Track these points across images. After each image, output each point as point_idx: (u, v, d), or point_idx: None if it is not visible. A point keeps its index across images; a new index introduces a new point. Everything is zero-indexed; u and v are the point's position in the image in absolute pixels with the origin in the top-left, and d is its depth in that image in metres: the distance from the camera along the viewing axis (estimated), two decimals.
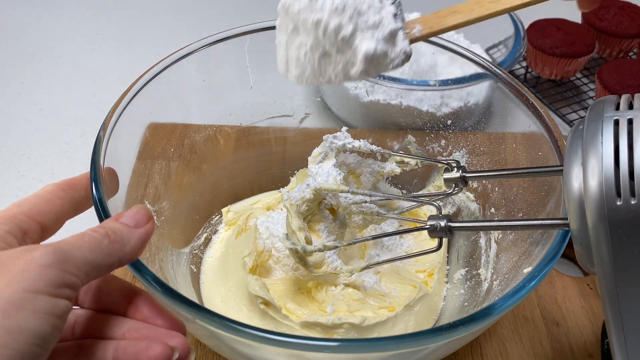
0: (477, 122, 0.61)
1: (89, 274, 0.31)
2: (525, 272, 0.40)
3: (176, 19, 1.08)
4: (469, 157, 0.61)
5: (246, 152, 0.66)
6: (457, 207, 0.62)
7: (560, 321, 0.58)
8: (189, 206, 0.60)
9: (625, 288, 0.35)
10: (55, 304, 0.29)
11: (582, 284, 0.61)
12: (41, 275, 0.28)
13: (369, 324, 0.48)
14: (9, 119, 0.83)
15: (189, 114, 0.61)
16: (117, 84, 0.60)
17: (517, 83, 0.54)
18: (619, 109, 0.35)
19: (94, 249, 0.32)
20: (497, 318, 0.38)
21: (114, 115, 0.47)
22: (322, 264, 0.50)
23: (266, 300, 0.49)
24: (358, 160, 0.57)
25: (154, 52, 0.62)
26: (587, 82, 0.92)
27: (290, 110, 0.67)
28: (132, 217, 0.36)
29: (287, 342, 0.34)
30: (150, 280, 0.37)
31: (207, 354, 0.54)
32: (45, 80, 0.91)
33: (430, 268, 0.58)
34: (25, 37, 1.00)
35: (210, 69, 0.59)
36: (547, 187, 0.49)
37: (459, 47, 0.59)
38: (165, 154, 0.57)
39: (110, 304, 0.37)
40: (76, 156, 0.78)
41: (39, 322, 0.28)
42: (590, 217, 0.34)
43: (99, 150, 0.43)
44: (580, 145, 0.35)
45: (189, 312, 0.36)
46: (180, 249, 0.57)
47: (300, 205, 0.50)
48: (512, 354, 0.55)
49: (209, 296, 0.55)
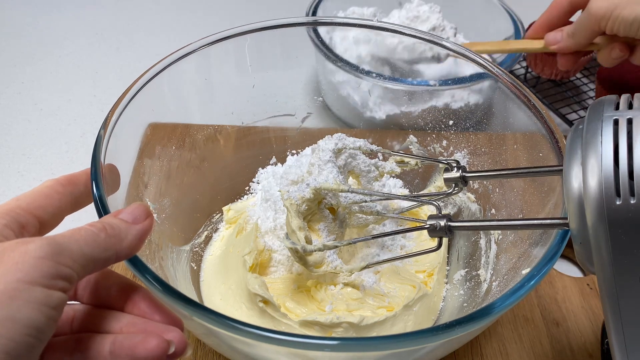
0: (478, 123, 0.61)
1: (85, 267, 0.31)
2: (524, 274, 0.40)
3: (176, 19, 1.08)
4: (471, 158, 0.61)
5: (247, 151, 0.66)
6: (458, 208, 0.62)
7: (560, 321, 0.58)
8: (190, 204, 0.60)
9: (625, 288, 0.35)
10: (49, 295, 0.29)
11: (582, 284, 0.61)
12: (36, 266, 0.29)
13: (368, 324, 0.48)
14: (9, 119, 0.83)
15: (189, 113, 0.61)
16: (117, 84, 0.61)
17: (518, 83, 0.54)
18: (619, 109, 0.35)
19: (90, 242, 0.32)
20: (496, 317, 0.38)
21: (114, 114, 0.47)
22: (322, 263, 0.50)
23: (265, 298, 0.49)
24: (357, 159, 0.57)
25: (154, 52, 0.62)
26: (587, 82, 0.92)
27: (293, 110, 0.67)
28: (131, 213, 0.36)
29: (285, 340, 0.34)
30: (148, 277, 0.37)
31: (208, 354, 0.54)
32: (45, 80, 0.91)
33: (430, 268, 0.58)
34: (25, 37, 1.00)
35: (211, 68, 0.59)
36: (547, 188, 0.49)
37: (460, 46, 0.59)
38: (166, 153, 0.57)
39: (109, 299, 0.37)
40: (76, 156, 0.78)
41: (32, 313, 0.28)
42: (590, 216, 0.34)
43: (100, 148, 0.43)
44: (580, 145, 0.35)
45: (186, 309, 0.36)
46: (180, 247, 0.57)
47: (300, 205, 0.50)
48: (512, 354, 0.55)
49: (209, 294, 0.55)
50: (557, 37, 0.70)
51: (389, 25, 0.62)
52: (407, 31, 0.62)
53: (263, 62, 0.63)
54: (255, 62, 0.62)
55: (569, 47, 0.69)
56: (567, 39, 0.69)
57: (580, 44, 0.68)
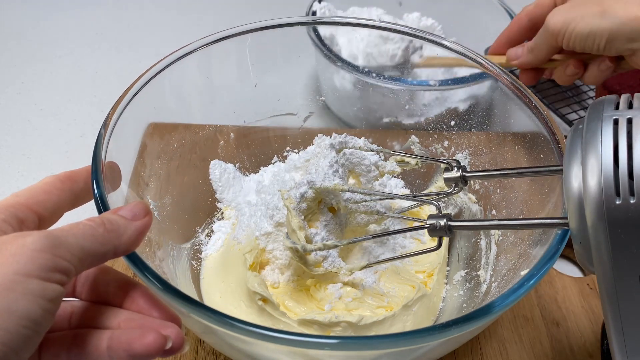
0: (479, 123, 0.61)
1: (83, 260, 0.31)
2: (522, 274, 0.40)
3: (176, 19, 1.08)
4: (472, 159, 0.61)
5: (247, 150, 0.66)
6: (459, 209, 0.62)
7: (560, 321, 0.58)
8: (190, 202, 0.60)
9: (625, 288, 0.35)
10: (46, 287, 0.29)
11: (582, 284, 0.61)
12: (33, 259, 0.29)
13: (366, 323, 0.48)
14: (9, 119, 0.83)
15: (190, 112, 0.61)
16: (117, 84, 0.60)
17: (518, 83, 0.54)
18: (619, 109, 0.35)
19: (88, 237, 0.32)
20: (495, 317, 0.38)
21: (115, 113, 0.47)
22: (321, 262, 0.50)
23: (264, 297, 0.49)
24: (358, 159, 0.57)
25: (154, 52, 0.62)
26: None
27: (295, 109, 0.67)
28: (130, 210, 0.36)
29: (286, 339, 0.34)
30: (147, 274, 0.37)
31: (207, 354, 0.54)
32: (45, 80, 0.91)
33: (430, 269, 0.58)
34: (25, 37, 1.00)
35: (212, 68, 0.59)
36: (547, 188, 0.49)
37: (460, 46, 0.59)
38: (167, 153, 0.57)
39: (107, 295, 0.37)
40: (76, 156, 0.78)
41: (29, 305, 0.28)
42: (590, 216, 0.34)
43: (100, 147, 0.43)
44: (580, 144, 0.35)
45: (184, 306, 0.36)
46: (181, 245, 0.57)
47: (300, 204, 0.50)
48: (512, 354, 0.55)
49: (209, 292, 0.55)
50: (517, 52, 0.69)
51: (389, 25, 0.62)
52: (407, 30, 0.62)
53: (264, 62, 0.63)
54: (256, 62, 0.62)
55: (529, 62, 0.68)
56: (527, 55, 0.68)
57: (540, 60, 0.67)
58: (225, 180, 0.62)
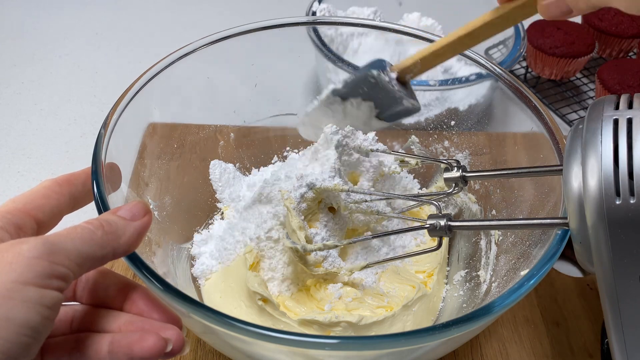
0: (479, 123, 0.61)
1: (82, 265, 0.31)
2: (522, 274, 0.40)
3: (176, 19, 1.08)
4: (472, 159, 0.61)
5: (247, 150, 0.66)
6: (459, 209, 0.62)
7: (560, 321, 0.58)
8: (190, 203, 0.60)
9: (625, 288, 0.35)
10: (44, 294, 0.29)
11: (582, 284, 0.61)
12: (29, 266, 0.29)
13: (366, 323, 0.48)
14: (9, 119, 0.83)
15: (191, 112, 0.61)
16: (117, 84, 0.61)
17: (518, 83, 0.54)
18: (619, 109, 0.35)
19: (86, 240, 0.32)
20: (496, 316, 0.38)
21: (115, 113, 0.47)
22: (322, 262, 0.50)
23: (264, 296, 0.49)
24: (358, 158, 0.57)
25: (154, 52, 0.62)
26: (587, 82, 0.93)
27: (295, 109, 0.67)
28: (129, 210, 0.36)
29: (286, 339, 0.34)
30: (147, 274, 0.37)
31: (208, 354, 0.54)
32: (45, 80, 0.91)
33: (430, 269, 0.58)
34: (25, 37, 1.00)
35: (212, 68, 0.59)
36: (547, 188, 0.49)
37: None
38: (167, 153, 0.57)
39: (107, 299, 0.37)
40: (76, 156, 0.78)
41: (27, 312, 0.28)
42: (590, 216, 0.34)
43: (100, 147, 0.43)
44: (580, 144, 0.35)
45: (184, 306, 0.36)
46: (181, 245, 0.57)
47: (300, 204, 0.50)
48: (512, 354, 0.55)
49: (209, 292, 0.55)
50: None
51: (389, 25, 0.62)
52: (407, 30, 0.62)
53: (264, 62, 0.63)
54: (256, 62, 0.62)
55: None
56: None
57: None
58: (225, 180, 0.62)
